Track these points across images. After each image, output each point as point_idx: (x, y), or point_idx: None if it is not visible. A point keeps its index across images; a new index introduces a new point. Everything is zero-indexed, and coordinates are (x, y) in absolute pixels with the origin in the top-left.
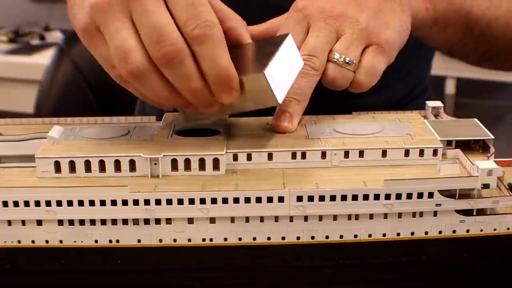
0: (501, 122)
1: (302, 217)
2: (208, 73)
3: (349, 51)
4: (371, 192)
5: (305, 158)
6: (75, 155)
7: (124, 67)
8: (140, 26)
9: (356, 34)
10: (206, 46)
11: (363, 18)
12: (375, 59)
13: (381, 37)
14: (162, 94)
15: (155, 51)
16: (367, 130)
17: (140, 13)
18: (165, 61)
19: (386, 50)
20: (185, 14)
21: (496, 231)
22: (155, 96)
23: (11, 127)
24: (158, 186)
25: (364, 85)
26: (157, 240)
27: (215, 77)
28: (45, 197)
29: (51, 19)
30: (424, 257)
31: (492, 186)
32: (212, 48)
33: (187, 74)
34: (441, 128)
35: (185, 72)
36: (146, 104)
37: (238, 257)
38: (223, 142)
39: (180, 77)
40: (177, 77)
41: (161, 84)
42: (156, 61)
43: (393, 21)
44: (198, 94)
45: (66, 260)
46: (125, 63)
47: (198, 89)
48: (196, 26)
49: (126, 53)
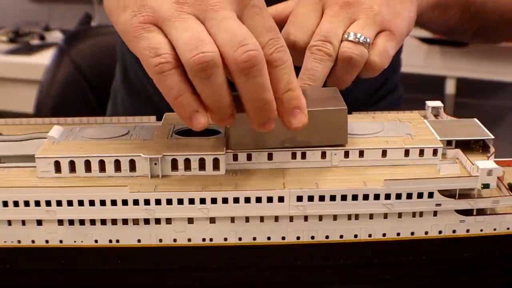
0: (501, 122)
1: (302, 217)
2: (281, 93)
3: (364, 32)
4: (371, 192)
5: (305, 158)
6: (75, 155)
7: (197, 55)
8: (218, 31)
9: (370, 19)
10: (282, 69)
11: (377, 5)
12: (388, 43)
13: (393, 24)
14: (220, 97)
15: (237, 54)
16: (367, 130)
17: (218, 20)
18: (246, 65)
19: (397, 37)
20: (265, 37)
21: (496, 231)
22: (213, 96)
23: (11, 127)
24: (158, 186)
25: (377, 67)
26: (157, 240)
27: (287, 97)
28: (45, 197)
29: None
30: (424, 257)
31: (492, 186)
32: (287, 72)
33: (264, 83)
34: (441, 128)
35: (262, 81)
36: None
37: (238, 257)
38: (223, 142)
39: (255, 86)
40: (252, 85)
41: (225, 85)
42: (237, 64)
43: (403, 12)
44: (267, 107)
45: (66, 260)
46: (198, 51)
47: (269, 101)
48: (275, 49)
49: (201, 42)
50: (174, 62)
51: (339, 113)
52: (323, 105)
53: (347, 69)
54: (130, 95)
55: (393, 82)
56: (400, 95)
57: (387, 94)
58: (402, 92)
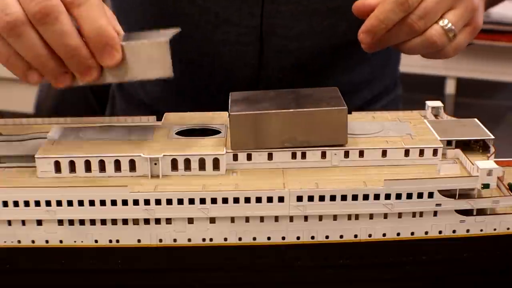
0: (501, 122)
1: (302, 217)
2: (88, 33)
3: (458, 24)
4: (371, 192)
5: (305, 158)
6: (75, 155)
7: (2, 18)
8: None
9: (468, 12)
10: (85, 7)
11: (476, 1)
12: (466, 40)
13: (478, 22)
14: (37, 52)
15: (30, 7)
16: (367, 130)
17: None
18: (40, 16)
19: (475, 33)
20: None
21: (496, 231)
22: (30, 54)
23: (11, 127)
24: (158, 186)
25: (446, 57)
26: (157, 240)
27: (95, 36)
28: (45, 197)
29: None
30: (424, 257)
31: (492, 186)
32: (91, 9)
33: (63, 30)
34: (441, 128)
35: (61, 28)
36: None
37: (238, 257)
38: (223, 142)
39: (56, 34)
40: (53, 33)
41: (37, 40)
42: (32, 17)
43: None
44: (76, 53)
45: (66, 260)
46: (3, 14)
47: (75, 47)
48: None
49: (5, 4)
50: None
51: (339, 113)
52: (323, 105)
53: (423, 46)
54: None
55: (392, 81)
56: (399, 95)
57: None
58: (400, 92)
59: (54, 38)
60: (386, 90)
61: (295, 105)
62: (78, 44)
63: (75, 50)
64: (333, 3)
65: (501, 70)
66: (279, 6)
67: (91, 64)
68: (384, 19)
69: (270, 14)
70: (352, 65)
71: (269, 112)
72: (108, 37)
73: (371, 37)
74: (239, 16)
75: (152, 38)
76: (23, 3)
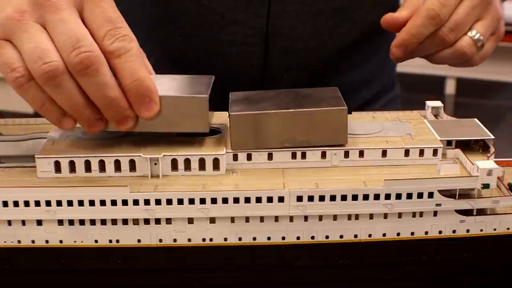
0: (501, 122)
1: (302, 217)
2: (127, 84)
3: (486, 34)
4: (371, 192)
5: (305, 158)
6: (75, 155)
7: (40, 67)
8: (55, 35)
9: (494, 22)
10: (125, 58)
11: (500, 10)
12: (492, 48)
13: (501, 30)
14: (75, 101)
15: (71, 57)
16: (367, 130)
17: (56, 22)
18: (81, 67)
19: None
20: (104, 29)
21: (496, 231)
22: (67, 103)
23: (11, 127)
24: (158, 186)
25: (473, 66)
26: (157, 240)
27: (134, 88)
28: (45, 197)
29: None
30: (424, 257)
31: (492, 186)
32: (131, 60)
33: (104, 82)
34: (441, 128)
35: (101, 80)
36: None
37: (238, 257)
38: (223, 142)
39: (96, 85)
40: (93, 85)
41: (75, 90)
42: (72, 67)
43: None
44: (114, 104)
45: (66, 260)
46: (42, 62)
47: (114, 98)
48: (114, 40)
49: (44, 52)
50: (29, 74)
51: (339, 113)
52: (323, 105)
53: (453, 57)
54: None
55: (390, 80)
56: (397, 94)
57: (382, 92)
58: (399, 91)
59: (94, 89)
60: (384, 90)
61: (295, 105)
62: (118, 96)
63: (114, 101)
64: (337, 4)
65: (501, 70)
66: (285, 7)
67: (129, 115)
68: (416, 33)
69: (276, 15)
70: (354, 65)
71: (269, 112)
72: (147, 89)
73: (403, 51)
74: (245, 17)
75: (188, 85)
76: (62, 52)
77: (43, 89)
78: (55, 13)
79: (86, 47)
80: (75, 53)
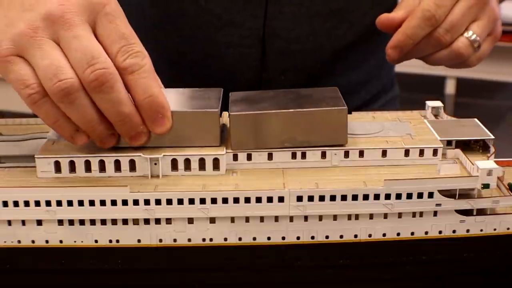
0: (501, 122)
1: (302, 217)
2: (141, 100)
3: (482, 35)
4: (371, 192)
5: (305, 158)
6: (75, 155)
7: (55, 84)
8: (70, 51)
9: (490, 23)
10: (138, 75)
11: (497, 11)
12: (489, 49)
13: (498, 31)
14: (88, 117)
15: (86, 74)
16: (367, 130)
17: (70, 38)
18: (96, 84)
19: (496, 41)
20: (117, 45)
21: (496, 231)
22: (81, 120)
23: (11, 127)
24: (158, 186)
25: (470, 66)
26: (157, 240)
27: (147, 104)
28: (45, 197)
29: None
30: (424, 257)
31: (492, 186)
32: (144, 76)
33: (118, 98)
34: (441, 128)
35: (116, 97)
36: None
37: (238, 257)
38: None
39: (110, 102)
40: (107, 101)
41: (89, 106)
42: (87, 84)
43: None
44: (128, 120)
45: (66, 260)
46: (57, 80)
47: (128, 114)
48: (128, 56)
49: (59, 69)
50: (43, 91)
51: (339, 113)
52: (323, 105)
53: (450, 58)
54: None
55: (388, 81)
56: (396, 94)
57: (381, 92)
58: (398, 91)
59: (108, 106)
60: (383, 90)
61: (295, 105)
62: (131, 112)
63: (128, 117)
64: (335, 5)
65: (501, 70)
66: (282, 8)
67: (142, 130)
68: (411, 34)
69: (273, 16)
70: (352, 66)
71: (269, 112)
72: (160, 106)
73: (398, 52)
74: (242, 18)
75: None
76: (77, 68)
77: (57, 105)
78: (69, 30)
79: (101, 64)
80: (90, 70)
